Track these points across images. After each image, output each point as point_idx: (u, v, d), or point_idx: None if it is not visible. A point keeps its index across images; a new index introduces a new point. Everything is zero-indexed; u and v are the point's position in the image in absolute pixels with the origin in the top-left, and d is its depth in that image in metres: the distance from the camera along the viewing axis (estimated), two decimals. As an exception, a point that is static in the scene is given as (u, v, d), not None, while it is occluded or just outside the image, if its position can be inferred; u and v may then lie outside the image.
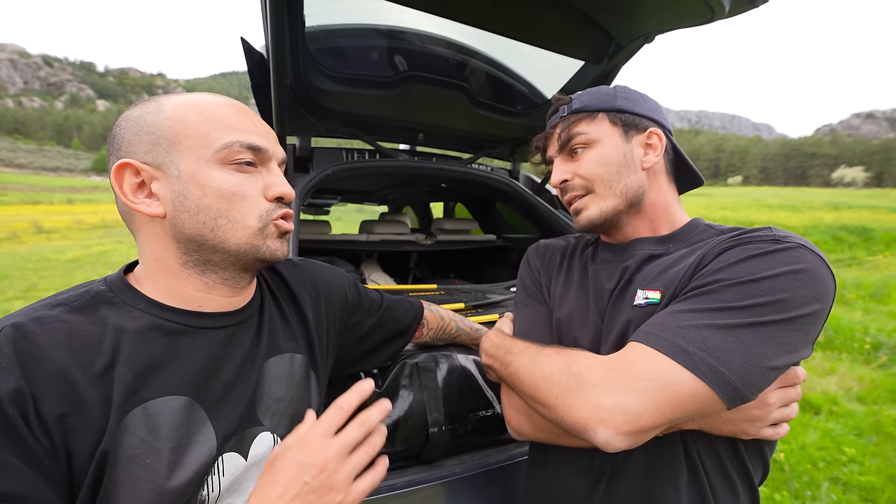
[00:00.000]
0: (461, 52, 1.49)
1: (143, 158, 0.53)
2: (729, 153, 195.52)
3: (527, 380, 0.63)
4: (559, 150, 0.77)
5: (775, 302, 0.53)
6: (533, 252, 0.91)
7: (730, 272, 0.57)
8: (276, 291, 0.70)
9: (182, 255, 0.55)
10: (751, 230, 0.63)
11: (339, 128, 1.56)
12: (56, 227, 15.08)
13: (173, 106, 0.54)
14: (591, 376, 0.56)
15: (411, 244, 2.08)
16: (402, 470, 0.94)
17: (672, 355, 0.53)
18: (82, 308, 0.51)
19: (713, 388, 0.51)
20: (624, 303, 0.69)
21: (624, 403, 0.52)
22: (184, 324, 0.55)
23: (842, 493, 2.13)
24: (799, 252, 0.56)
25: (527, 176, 1.98)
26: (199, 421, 0.52)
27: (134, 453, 0.47)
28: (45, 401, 0.44)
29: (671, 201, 0.76)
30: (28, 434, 0.42)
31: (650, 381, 0.52)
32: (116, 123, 0.55)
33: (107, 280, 0.56)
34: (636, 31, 1.28)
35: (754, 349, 0.52)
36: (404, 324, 0.89)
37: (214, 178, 0.53)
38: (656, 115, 0.76)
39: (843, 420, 2.89)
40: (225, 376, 0.56)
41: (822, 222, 12.40)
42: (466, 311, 1.32)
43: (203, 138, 0.53)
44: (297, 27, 1.15)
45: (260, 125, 0.58)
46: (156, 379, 0.51)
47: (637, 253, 0.74)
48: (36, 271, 7.60)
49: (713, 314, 0.55)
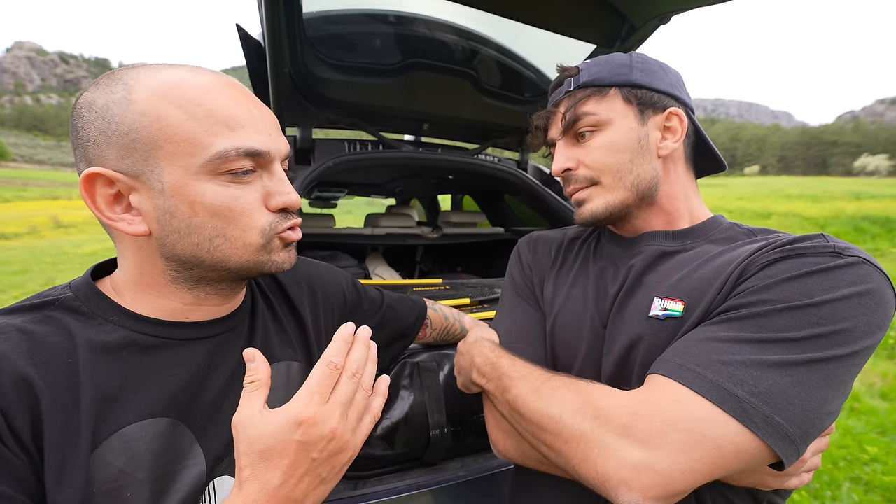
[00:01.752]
0: (467, 38, 1.44)
1: (117, 166, 0.43)
2: (746, 142, 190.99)
3: (529, 416, 0.53)
4: (563, 133, 0.66)
5: (837, 332, 0.44)
6: (525, 245, 0.80)
7: (781, 292, 0.46)
8: (270, 294, 0.64)
9: (172, 272, 0.49)
10: (801, 237, 0.52)
11: (341, 118, 1.52)
12: (74, 221, 15.42)
13: (147, 94, 0.43)
14: (610, 421, 0.46)
15: (417, 238, 2.04)
16: (403, 473, 0.91)
17: (716, 400, 0.42)
18: (46, 319, 0.45)
19: (767, 443, 0.41)
20: (632, 310, 0.58)
21: (653, 461, 0.42)
22: (164, 336, 0.49)
23: (863, 493, 2.05)
24: (863, 269, 0.47)
25: (536, 166, 1.92)
26: (187, 443, 0.47)
27: (111, 487, 0.42)
28: (16, 416, 0.39)
29: (689, 193, 0.66)
30: (6, 451, 0.38)
31: (686, 433, 0.42)
32: (77, 109, 0.45)
33: (72, 287, 0.48)
34: (651, 11, 1.21)
35: (814, 392, 0.43)
36: (406, 324, 0.85)
37: (205, 193, 0.45)
38: (678, 90, 0.65)
39: (865, 417, 2.80)
40: (213, 391, 0.50)
41: (843, 213, 12.02)
42: (472, 306, 1.28)
43: (189, 144, 0.43)
44: (294, 13, 1.11)
45: (258, 114, 0.48)
46: (133, 400, 0.45)
47: (646, 249, 0.63)
48: (54, 265, 7.78)
49: (763, 347, 0.44)
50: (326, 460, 0.41)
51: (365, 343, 0.46)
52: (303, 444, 0.40)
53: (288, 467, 0.39)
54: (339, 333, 0.44)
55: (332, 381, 0.42)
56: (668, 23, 1.24)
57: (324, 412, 0.41)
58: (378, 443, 0.87)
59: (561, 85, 0.68)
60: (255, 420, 0.40)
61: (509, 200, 2.52)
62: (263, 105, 0.51)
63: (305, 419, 0.40)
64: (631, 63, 0.64)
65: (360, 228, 2.05)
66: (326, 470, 0.42)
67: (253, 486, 0.39)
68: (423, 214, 3.80)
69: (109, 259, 0.54)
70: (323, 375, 0.42)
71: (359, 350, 0.45)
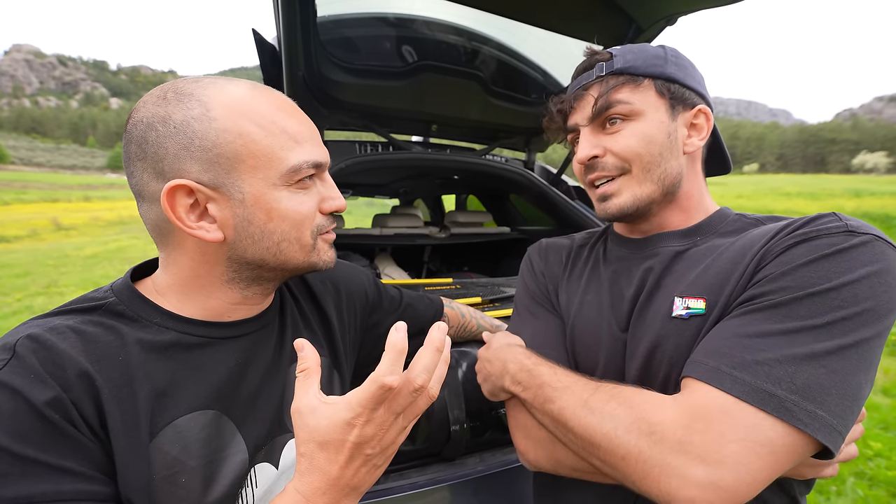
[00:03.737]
0: (475, 40, 1.46)
1: (198, 178, 0.46)
2: (745, 140, 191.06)
3: (580, 431, 0.52)
4: (591, 119, 0.63)
5: (861, 313, 0.44)
6: (535, 253, 0.80)
7: (799, 278, 0.47)
8: (297, 293, 0.68)
9: (230, 273, 0.52)
10: (811, 218, 0.52)
11: (353, 120, 1.54)
12: (74, 223, 15.42)
13: (224, 111, 0.47)
14: (666, 439, 0.46)
15: (425, 237, 2.06)
16: (424, 468, 0.93)
17: (759, 404, 0.43)
18: (95, 321, 0.47)
19: (816, 437, 0.42)
20: (653, 313, 0.58)
21: (716, 478, 0.43)
22: (206, 336, 0.52)
23: (868, 488, 2.07)
24: (878, 247, 0.47)
25: (542, 167, 1.94)
26: (229, 433, 0.51)
27: (168, 473, 0.45)
28: (84, 405, 0.42)
29: (703, 190, 0.67)
30: (80, 436, 0.41)
31: (741, 444, 0.43)
32: (149, 124, 0.46)
33: (114, 290, 0.51)
34: (658, 13, 1.23)
35: (848, 379, 0.44)
36: (425, 321, 0.87)
37: (281, 201, 0.50)
38: (704, 89, 0.64)
39: (868, 413, 2.82)
40: (251, 385, 0.54)
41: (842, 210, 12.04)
42: (483, 305, 1.29)
43: (269, 159, 0.48)
44: (309, 17, 1.13)
45: (314, 129, 0.54)
46: (182, 395, 0.48)
47: (661, 251, 0.63)
48: (56, 268, 7.78)
49: (792, 339, 0.45)
50: (380, 453, 0.44)
51: (435, 348, 0.43)
52: (357, 445, 0.42)
53: (345, 462, 0.42)
54: (392, 341, 0.40)
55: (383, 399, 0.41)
56: (674, 24, 1.26)
57: (377, 419, 0.42)
58: (400, 438, 0.89)
59: (590, 69, 0.65)
60: (314, 407, 0.42)
61: (514, 200, 2.53)
62: (308, 118, 0.55)
63: (357, 424, 0.41)
64: (666, 55, 0.63)
65: (369, 229, 2.07)
66: (382, 459, 0.45)
67: (314, 475, 0.42)
68: (427, 214, 3.82)
69: (147, 261, 0.57)
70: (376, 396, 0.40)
71: (427, 357, 0.43)
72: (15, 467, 0.37)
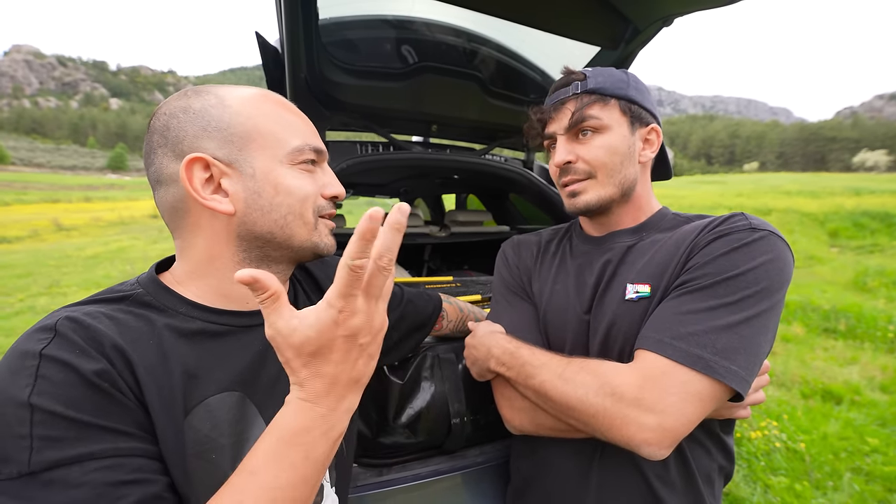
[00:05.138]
0: (474, 41, 1.47)
1: (215, 154, 0.52)
2: (745, 139, 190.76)
3: (558, 398, 0.66)
4: (567, 129, 0.76)
5: (759, 291, 0.60)
6: (509, 248, 0.92)
7: (718, 266, 0.62)
8: (307, 288, 0.71)
9: (241, 252, 0.55)
10: (725, 218, 0.68)
11: (354, 121, 1.56)
12: (75, 224, 15.44)
13: (238, 101, 0.54)
14: (625, 397, 0.60)
15: (425, 236, 2.08)
16: (426, 460, 0.95)
17: (691, 364, 0.58)
18: (126, 310, 0.50)
19: (731, 386, 0.57)
20: (611, 297, 0.72)
21: (661, 421, 0.57)
22: (228, 325, 0.55)
23: (864, 483, 2.09)
24: (771, 240, 0.63)
25: (541, 166, 1.95)
26: (252, 415, 0.54)
27: (200, 449, 0.48)
28: (123, 373, 0.45)
29: (650, 191, 0.81)
30: (128, 401, 0.44)
31: (678, 395, 0.58)
32: (171, 114, 0.53)
33: (140, 283, 0.55)
34: (655, 14, 1.24)
35: (753, 340, 0.59)
36: (424, 316, 0.89)
37: (286, 177, 0.55)
38: (656, 110, 0.78)
39: (865, 410, 2.84)
40: (270, 371, 0.57)
41: (842, 208, 12.05)
42: (483, 302, 1.32)
43: (276, 139, 0.55)
44: (311, 20, 1.15)
45: (311, 125, 0.61)
46: (211, 377, 0.51)
47: (616, 246, 0.77)
48: (58, 268, 7.81)
49: (714, 313, 0.60)
50: (373, 340, 0.44)
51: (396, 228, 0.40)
52: (348, 337, 0.42)
53: (341, 357, 0.42)
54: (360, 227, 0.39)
55: (360, 281, 0.40)
56: (670, 25, 1.28)
57: (360, 308, 0.41)
58: (402, 431, 0.92)
59: (567, 86, 0.77)
60: (294, 326, 0.41)
61: (514, 199, 2.55)
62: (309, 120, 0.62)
63: (343, 319, 0.41)
64: (628, 80, 0.76)
65: (370, 228, 2.08)
66: (375, 347, 0.45)
67: (315, 382, 0.42)
68: (428, 214, 3.84)
69: (166, 258, 0.60)
70: (349, 279, 0.40)
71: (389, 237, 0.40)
72: (71, 431, 0.40)
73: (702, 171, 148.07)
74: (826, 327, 4.51)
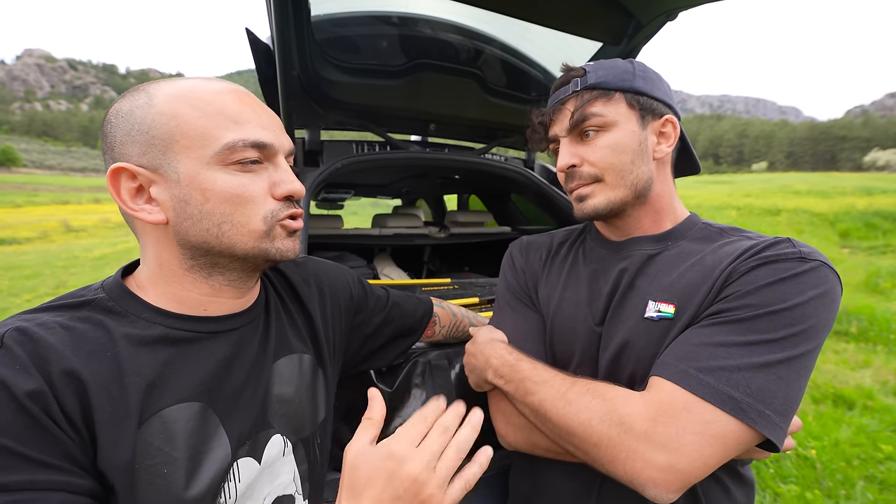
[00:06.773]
0: (472, 38, 1.44)
1: (139, 161, 0.48)
2: (753, 138, 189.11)
3: (557, 420, 0.59)
4: (569, 131, 0.69)
5: (806, 330, 0.53)
6: (517, 251, 0.86)
7: (761, 297, 0.55)
8: (282, 291, 0.68)
9: (188, 260, 0.52)
10: (771, 243, 0.60)
11: (349, 120, 1.53)
12: (84, 225, 15.62)
13: (165, 97, 0.49)
14: (634, 429, 0.53)
15: (424, 238, 2.05)
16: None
17: (718, 403, 0.51)
18: (84, 318, 0.48)
19: (762, 432, 0.50)
20: (628, 311, 0.65)
21: (674, 462, 0.50)
22: (192, 330, 0.52)
23: (878, 492, 2.03)
24: (822, 272, 0.56)
25: (542, 165, 1.92)
26: (213, 427, 0.51)
27: (151, 463, 0.46)
28: (66, 400, 0.42)
29: (673, 192, 0.73)
30: (58, 431, 0.41)
31: (697, 435, 0.51)
32: (107, 119, 0.50)
33: (105, 287, 0.52)
34: (658, 8, 1.20)
35: (792, 384, 0.52)
36: (413, 321, 0.86)
37: (216, 182, 0.49)
38: (671, 99, 0.70)
39: (878, 415, 2.76)
40: (236, 380, 0.54)
41: (853, 208, 11.84)
42: (481, 305, 1.28)
43: (202, 137, 0.48)
44: (303, 16, 1.12)
45: (263, 114, 0.54)
46: (170, 386, 0.49)
47: (634, 253, 0.69)
48: (66, 269, 7.89)
49: (751, 350, 0.53)
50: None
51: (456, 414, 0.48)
52: (390, 477, 0.42)
53: (375, 496, 0.42)
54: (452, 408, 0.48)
55: (423, 428, 0.45)
56: (674, 19, 1.24)
57: (412, 452, 0.43)
58: (391, 441, 0.88)
59: (566, 84, 0.71)
60: (364, 450, 0.44)
61: (516, 199, 2.52)
62: (267, 107, 0.56)
63: (395, 452, 0.43)
64: (634, 70, 0.69)
65: (368, 229, 2.06)
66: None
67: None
68: (429, 214, 3.81)
69: (135, 260, 0.57)
70: (414, 422, 0.46)
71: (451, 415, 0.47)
72: None
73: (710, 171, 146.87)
74: (837, 330, 4.41)
